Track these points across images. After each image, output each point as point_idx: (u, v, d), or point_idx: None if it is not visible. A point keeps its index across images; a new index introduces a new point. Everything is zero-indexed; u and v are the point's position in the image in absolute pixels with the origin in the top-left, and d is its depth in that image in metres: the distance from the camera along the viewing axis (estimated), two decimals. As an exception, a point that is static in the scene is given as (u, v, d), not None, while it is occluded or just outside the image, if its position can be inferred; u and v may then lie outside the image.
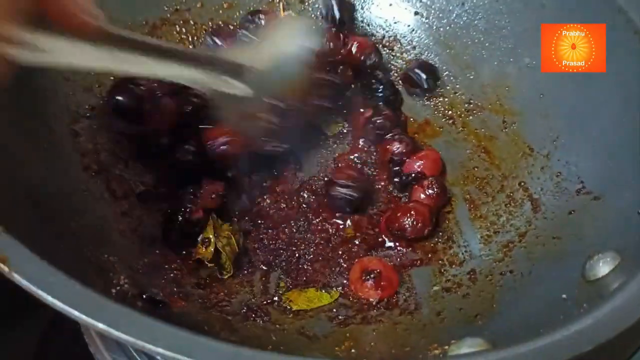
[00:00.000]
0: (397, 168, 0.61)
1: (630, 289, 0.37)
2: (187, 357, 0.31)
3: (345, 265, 0.55)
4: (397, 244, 0.56)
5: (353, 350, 0.46)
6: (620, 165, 0.49)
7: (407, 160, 0.60)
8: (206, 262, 0.52)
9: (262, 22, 0.65)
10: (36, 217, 0.44)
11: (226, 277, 0.53)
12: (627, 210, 0.45)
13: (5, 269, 0.33)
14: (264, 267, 0.54)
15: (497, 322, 0.46)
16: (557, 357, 0.34)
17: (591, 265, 0.43)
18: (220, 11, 0.68)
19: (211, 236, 0.53)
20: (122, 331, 0.31)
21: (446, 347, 0.41)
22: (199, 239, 0.53)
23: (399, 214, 0.56)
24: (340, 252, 0.56)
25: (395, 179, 0.60)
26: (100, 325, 0.31)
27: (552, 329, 0.35)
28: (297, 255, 0.55)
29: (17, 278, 0.33)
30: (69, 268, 0.35)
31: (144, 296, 0.46)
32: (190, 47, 0.66)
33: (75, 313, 0.32)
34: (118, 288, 0.45)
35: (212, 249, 0.53)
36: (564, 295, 0.43)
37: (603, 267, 0.42)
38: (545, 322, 0.39)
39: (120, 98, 0.56)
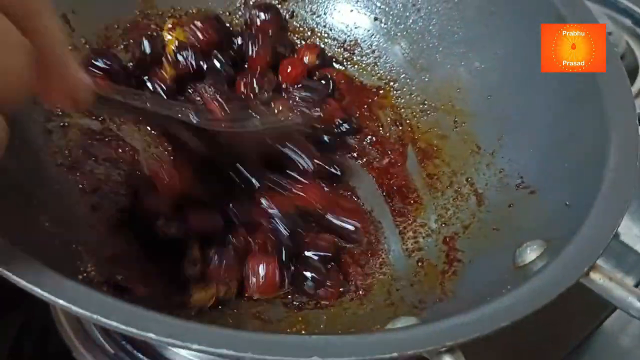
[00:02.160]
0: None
1: (548, 272, 0.41)
2: (140, 331, 0.34)
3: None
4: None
5: (303, 332, 0.49)
6: (553, 162, 0.53)
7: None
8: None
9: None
10: (7, 208, 0.47)
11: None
12: (557, 203, 0.49)
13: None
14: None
15: (439, 306, 0.50)
16: (481, 330, 0.37)
17: (520, 252, 0.47)
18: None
19: None
20: (80, 307, 0.35)
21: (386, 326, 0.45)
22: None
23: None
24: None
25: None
26: (61, 302, 0.35)
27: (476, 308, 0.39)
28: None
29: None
30: (38, 255, 0.38)
31: (109, 282, 0.49)
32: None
33: (38, 291, 0.35)
34: (85, 275, 0.48)
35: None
36: (495, 280, 0.46)
37: (530, 254, 0.46)
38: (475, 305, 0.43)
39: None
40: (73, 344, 0.59)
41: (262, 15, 0.71)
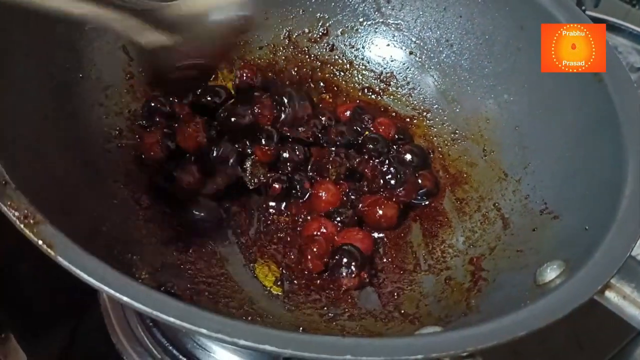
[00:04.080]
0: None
1: (564, 289, 0.45)
2: (194, 327, 0.39)
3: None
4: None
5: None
6: (575, 189, 0.57)
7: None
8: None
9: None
10: (71, 221, 0.52)
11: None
12: (577, 227, 0.53)
13: (52, 253, 0.41)
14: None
15: (461, 320, 0.54)
16: (500, 338, 0.41)
17: (541, 271, 0.50)
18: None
19: None
20: (142, 303, 0.39)
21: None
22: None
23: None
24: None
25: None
26: (125, 299, 0.39)
27: (496, 319, 0.42)
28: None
29: (61, 260, 0.41)
30: (102, 260, 0.43)
31: (161, 289, 0.54)
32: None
33: (105, 289, 0.40)
34: (140, 281, 0.53)
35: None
36: (517, 297, 0.50)
37: (550, 273, 0.49)
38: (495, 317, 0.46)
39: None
40: (123, 346, 0.64)
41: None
